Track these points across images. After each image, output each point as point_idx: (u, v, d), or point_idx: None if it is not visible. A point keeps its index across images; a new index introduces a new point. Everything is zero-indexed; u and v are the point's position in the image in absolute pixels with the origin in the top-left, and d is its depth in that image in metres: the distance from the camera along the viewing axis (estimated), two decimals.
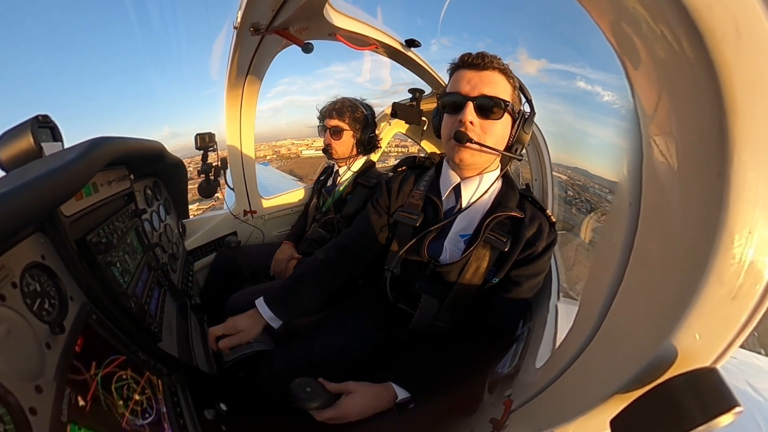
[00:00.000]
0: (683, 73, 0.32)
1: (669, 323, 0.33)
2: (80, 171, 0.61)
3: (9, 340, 0.39)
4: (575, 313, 0.55)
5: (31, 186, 0.49)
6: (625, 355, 0.39)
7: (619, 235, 0.43)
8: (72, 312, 0.54)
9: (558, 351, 0.60)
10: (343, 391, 0.78)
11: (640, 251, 0.40)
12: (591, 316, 0.46)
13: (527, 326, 0.98)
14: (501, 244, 0.86)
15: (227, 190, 1.67)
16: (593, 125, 38.31)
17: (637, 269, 0.40)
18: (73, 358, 0.48)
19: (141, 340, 0.68)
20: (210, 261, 1.62)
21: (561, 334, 0.82)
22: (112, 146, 0.74)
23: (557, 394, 0.54)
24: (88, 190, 0.73)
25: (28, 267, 0.49)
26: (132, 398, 0.55)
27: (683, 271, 0.35)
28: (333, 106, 1.47)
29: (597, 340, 0.45)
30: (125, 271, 0.78)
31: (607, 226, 0.53)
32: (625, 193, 0.42)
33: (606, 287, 0.43)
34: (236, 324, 0.88)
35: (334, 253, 1.04)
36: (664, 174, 0.37)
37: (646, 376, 0.35)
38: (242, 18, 1.02)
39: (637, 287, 0.40)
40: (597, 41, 0.50)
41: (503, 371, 0.88)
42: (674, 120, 0.35)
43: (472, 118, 0.80)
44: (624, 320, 0.42)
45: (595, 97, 75.93)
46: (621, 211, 0.43)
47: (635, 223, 0.40)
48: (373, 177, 1.46)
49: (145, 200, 1.11)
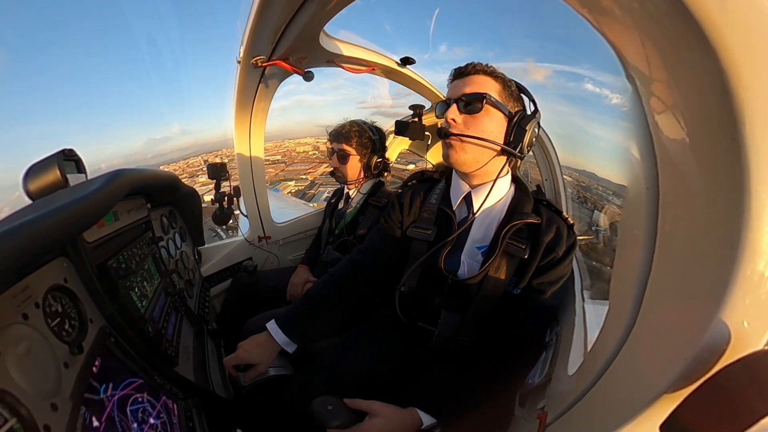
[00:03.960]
0: (667, 30, 0.31)
1: (710, 309, 0.30)
2: (102, 200, 0.65)
3: (29, 358, 0.40)
4: (605, 313, 0.52)
5: (56, 213, 0.52)
6: (666, 350, 0.36)
7: (640, 224, 0.40)
8: (91, 334, 0.55)
9: (591, 355, 0.56)
10: (367, 411, 0.74)
11: (666, 237, 0.37)
12: (623, 313, 0.43)
13: (555, 332, 0.93)
14: (520, 251, 0.83)
15: (241, 217, 1.72)
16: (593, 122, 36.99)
17: (665, 257, 0.37)
18: (90, 378, 0.48)
19: (157, 364, 0.68)
20: (226, 287, 1.63)
21: (592, 337, 0.76)
22: (130, 177, 0.78)
23: (596, 402, 0.49)
24: (109, 218, 0.76)
25: (51, 289, 0.51)
26: (147, 422, 0.53)
27: (716, 250, 0.32)
28: (340, 130, 1.49)
29: (633, 339, 0.42)
30: (143, 296, 0.79)
31: (626, 218, 0.50)
32: (640, 179, 0.40)
33: (635, 281, 0.40)
34: (249, 357, 0.86)
35: (346, 269, 1.03)
36: (678, 151, 0.35)
37: (694, 370, 0.31)
38: (244, 52, 1.07)
39: (668, 276, 0.37)
40: (581, 37, 0.50)
41: (534, 382, 0.82)
42: (675, 91, 0.34)
43: (453, 116, 0.83)
44: (660, 313, 0.39)
45: (597, 92, 75.80)
46: (638, 198, 0.41)
47: (656, 207, 0.37)
48: (383, 196, 1.47)
49: (162, 228, 1.15)
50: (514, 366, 0.86)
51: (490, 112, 0.82)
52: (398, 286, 0.94)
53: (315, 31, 1.06)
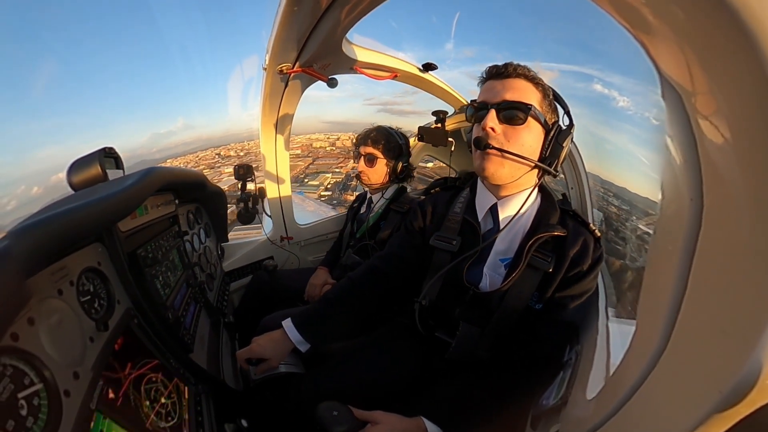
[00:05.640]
0: (710, 36, 0.28)
1: (754, 335, 0.27)
2: (136, 194, 0.71)
3: (59, 329, 0.45)
4: (632, 334, 0.47)
5: (96, 203, 0.58)
6: (698, 381, 0.32)
7: (677, 238, 0.36)
8: (117, 314, 0.60)
9: (614, 379, 0.51)
10: (369, 420, 0.72)
11: (705, 253, 0.34)
12: (652, 336, 0.39)
13: (575, 351, 0.86)
14: (545, 264, 0.80)
15: (265, 217, 1.79)
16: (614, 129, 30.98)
17: (703, 275, 0.34)
18: (112, 354, 0.52)
19: (174, 349, 0.72)
20: (246, 283, 1.70)
21: (615, 359, 0.71)
22: (161, 174, 0.85)
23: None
24: (141, 211, 0.83)
25: (86, 270, 0.57)
26: (158, 401, 0.57)
27: (763, 272, 0.28)
28: (368, 134, 1.53)
29: (662, 366, 0.37)
30: (166, 284, 0.85)
31: (661, 232, 0.45)
32: (683, 189, 0.36)
33: (667, 302, 0.36)
34: (262, 351, 0.87)
35: (366, 274, 1.01)
36: (723, 158, 0.31)
37: (728, 405, 0.27)
38: (270, 59, 1.12)
39: (706, 297, 0.34)
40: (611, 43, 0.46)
41: (548, 403, 0.77)
42: (717, 95, 0.30)
43: (493, 125, 0.77)
44: (694, 338, 0.35)
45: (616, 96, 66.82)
46: (679, 211, 0.37)
47: (698, 221, 0.34)
48: (405, 202, 1.48)
49: (188, 223, 1.23)
50: (529, 383, 0.82)
51: (530, 124, 0.78)
52: (419, 298, 0.92)
53: (338, 39, 1.10)
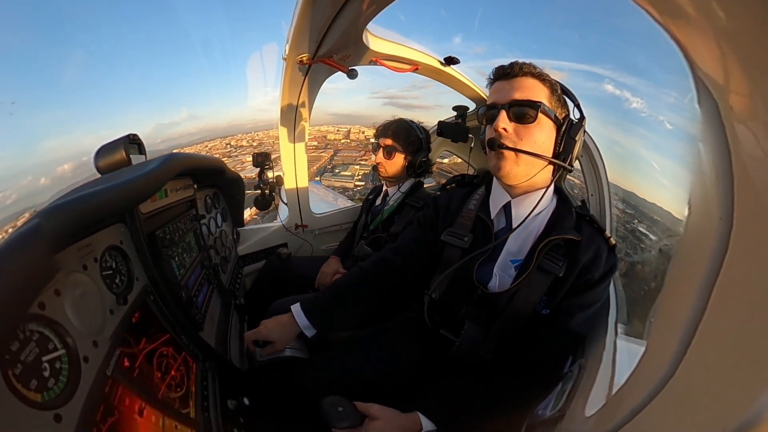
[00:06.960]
0: (756, 36, 0.25)
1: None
2: (157, 178, 0.76)
3: (83, 300, 0.49)
4: (640, 355, 0.46)
5: (120, 186, 0.62)
6: (703, 414, 0.31)
7: (701, 260, 0.34)
8: (136, 289, 0.65)
9: (615, 399, 0.50)
10: (365, 413, 0.74)
11: (729, 280, 0.32)
12: (662, 360, 0.37)
13: (578, 363, 0.84)
14: (556, 268, 0.78)
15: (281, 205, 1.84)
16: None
17: (723, 303, 0.32)
18: (129, 326, 0.57)
19: (185, 326, 0.77)
20: (259, 267, 1.75)
21: (619, 378, 0.69)
22: (181, 160, 0.89)
23: None
24: (161, 194, 0.88)
25: (109, 248, 0.62)
26: (169, 372, 0.62)
27: None
28: (389, 126, 1.53)
29: (668, 392, 0.36)
30: (182, 265, 0.90)
31: (683, 252, 0.43)
32: (712, 206, 0.33)
33: (682, 326, 0.35)
34: (269, 334, 0.89)
35: (376, 266, 1.02)
36: (760, 173, 0.29)
37: None
38: (290, 50, 1.11)
39: (723, 327, 0.32)
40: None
41: (545, 414, 0.76)
42: (758, 101, 0.27)
43: (504, 125, 0.78)
44: (705, 368, 0.33)
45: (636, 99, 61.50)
46: (705, 230, 0.35)
47: (725, 243, 0.31)
48: (421, 197, 1.47)
49: (205, 207, 1.28)
50: (527, 389, 0.82)
51: (542, 121, 0.78)
52: (428, 291, 0.92)
53: (359, 30, 1.08)
